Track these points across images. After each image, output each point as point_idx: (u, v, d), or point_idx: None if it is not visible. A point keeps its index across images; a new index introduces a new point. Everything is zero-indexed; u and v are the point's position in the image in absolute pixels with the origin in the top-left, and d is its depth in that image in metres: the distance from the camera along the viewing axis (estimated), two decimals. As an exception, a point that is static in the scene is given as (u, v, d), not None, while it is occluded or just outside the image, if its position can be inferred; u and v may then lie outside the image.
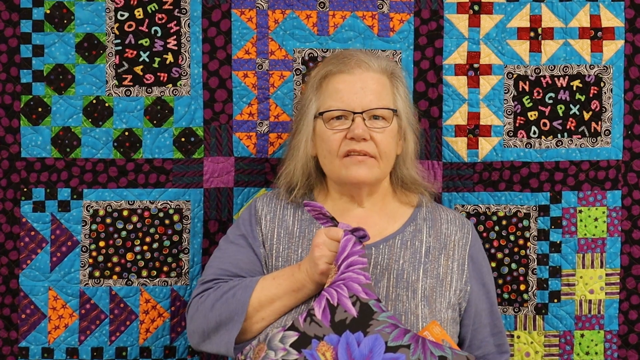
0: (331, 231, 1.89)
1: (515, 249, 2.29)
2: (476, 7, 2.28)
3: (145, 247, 2.26)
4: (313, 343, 1.80)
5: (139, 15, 2.25)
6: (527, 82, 2.29)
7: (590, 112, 2.30)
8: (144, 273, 2.26)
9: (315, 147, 2.07)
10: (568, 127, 2.30)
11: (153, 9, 2.25)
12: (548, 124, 2.30)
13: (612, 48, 2.29)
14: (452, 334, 2.01)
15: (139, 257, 2.26)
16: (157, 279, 2.27)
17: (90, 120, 2.24)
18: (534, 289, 2.29)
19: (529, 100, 2.30)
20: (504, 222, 2.29)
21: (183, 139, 2.26)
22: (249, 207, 2.13)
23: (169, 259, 2.27)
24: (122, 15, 2.24)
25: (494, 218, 2.29)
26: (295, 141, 2.11)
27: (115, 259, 2.25)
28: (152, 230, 2.26)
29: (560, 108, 2.30)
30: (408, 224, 2.08)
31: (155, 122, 2.26)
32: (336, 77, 2.03)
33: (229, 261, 2.04)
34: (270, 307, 1.93)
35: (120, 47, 2.25)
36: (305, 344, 1.80)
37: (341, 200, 2.09)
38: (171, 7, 2.25)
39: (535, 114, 2.30)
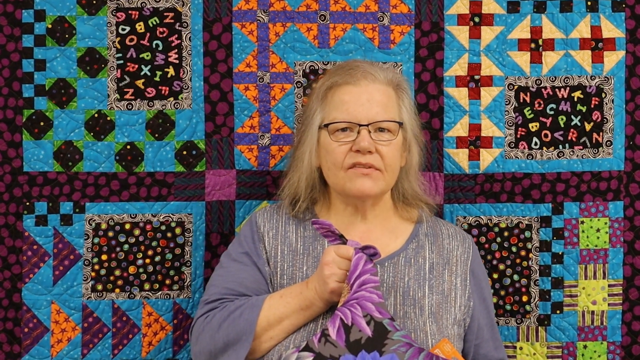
0: (341, 249, 1.87)
1: (517, 260, 2.29)
2: (477, 19, 2.29)
3: (147, 260, 2.26)
4: None
5: (140, 29, 2.25)
6: (528, 94, 2.29)
7: (592, 123, 2.30)
8: (147, 286, 2.26)
9: (319, 158, 2.06)
10: (569, 138, 2.30)
11: (154, 23, 2.26)
12: (549, 135, 2.30)
13: (613, 59, 2.29)
14: (458, 350, 2.01)
15: (141, 270, 2.26)
16: (160, 292, 2.27)
17: (92, 134, 2.25)
18: (536, 300, 2.29)
19: (530, 112, 2.30)
20: (505, 234, 2.29)
21: (185, 152, 2.27)
22: (249, 223, 2.11)
23: (171, 272, 2.27)
24: (123, 30, 2.25)
25: (496, 229, 2.29)
26: (299, 152, 2.10)
27: (117, 272, 2.26)
28: (154, 243, 2.26)
29: (562, 119, 2.30)
30: (410, 241, 2.08)
31: (157, 135, 2.26)
32: (342, 88, 2.03)
33: (233, 280, 2.02)
34: (278, 326, 1.92)
35: (121, 61, 2.25)
36: None
37: (345, 212, 2.08)
38: (172, 20, 2.26)
39: (536, 125, 2.30)
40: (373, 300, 1.83)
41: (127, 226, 2.26)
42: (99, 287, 2.25)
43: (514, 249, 2.29)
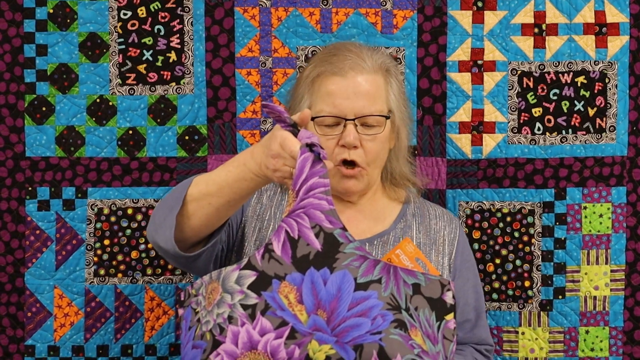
0: (287, 142, 1.63)
1: (520, 246, 2.29)
2: (480, 4, 2.27)
3: (149, 245, 2.26)
4: (274, 284, 1.59)
5: (142, 14, 2.25)
6: (532, 79, 2.28)
7: (595, 109, 2.29)
8: (149, 271, 2.27)
9: None
10: (572, 123, 2.29)
11: (156, 8, 2.25)
12: (552, 121, 2.29)
13: (617, 44, 2.28)
14: None
15: (143, 255, 2.26)
16: (162, 277, 2.27)
17: (94, 119, 2.25)
18: (538, 285, 2.29)
19: (533, 97, 2.29)
20: (508, 219, 2.29)
21: (187, 137, 2.27)
22: None
23: (174, 257, 2.27)
24: (125, 14, 2.24)
25: (498, 215, 2.29)
26: None
27: (120, 257, 2.26)
28: (156, 228, 2.26)
29: (565, 104, 2.29)
30: (398, 221, 2.09)
31: (159, 120, 2.26)
32: (329, 78, 2.01)
33: None
34: (218, 192, 1.77)
35: (123, 46, 2.25)
36: (265, 286, 1.59)
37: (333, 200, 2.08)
38: (174, 5, 2.25)
39: (539, 111, 2.29)
40: (322, 207, 1.62)
41: (130, 211, 2.26)
42: (102, 272, 2.26)
43: (516, 234, 2.29)
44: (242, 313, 1.59)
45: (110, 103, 2.25)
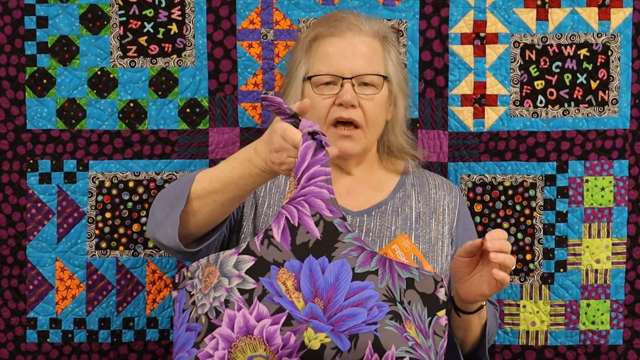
0: (288, 132, 1.62)
1: (521, 219, 2.29)
2: (482, -25, 2.27)
3: (151, 218, 2.26)
4: (272, 270, 1.60)
5: (143, -15, 2.24)
6: (534, 51, 2.28)
7: (598, 81, 2.28)
8: (150, 244, 2.27)
9: None
10: (575, 96, 2.28)
11: (157, -21, 2.24)
12: (555, 93, 2.28)
13: (620, 16, 2.27)
14: None
15: (144, 228, 2.26)
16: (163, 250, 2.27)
17: (95, 91, 2.24)
18: (540, 258, 2.29)
19: (535, 70, 2.28)
20: (510, 192, 2.29)
21: (188, 110, 2.26)
22: None
23: (175, 230, 2.27)
24: (125, -14, 2.24)
25: (500, 188, 2.29)
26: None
27: (121, 230, 2.26)
28: (158, 201, 2.26)
29: (567, 77, 2.28)
30: (397, 191, 2.09)
31: (160, 93, 2.25)
32: (326, 40, 2.01)
33: None
34: (223, 189, 1.77)
35: (124, 18, 2.24)
36: (264, 271, 1.60)
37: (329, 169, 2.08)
38: (175, -23, 2.24)
39: (541, 83, 2.28)
40: (323, 196, 1.62)
41: (131, 184, 2.26)
42: (103, 244, 2.26)
43: (518, 208, 2.29)
44: (239, 297, 1.59)
45: (111, 75, 2.24)
